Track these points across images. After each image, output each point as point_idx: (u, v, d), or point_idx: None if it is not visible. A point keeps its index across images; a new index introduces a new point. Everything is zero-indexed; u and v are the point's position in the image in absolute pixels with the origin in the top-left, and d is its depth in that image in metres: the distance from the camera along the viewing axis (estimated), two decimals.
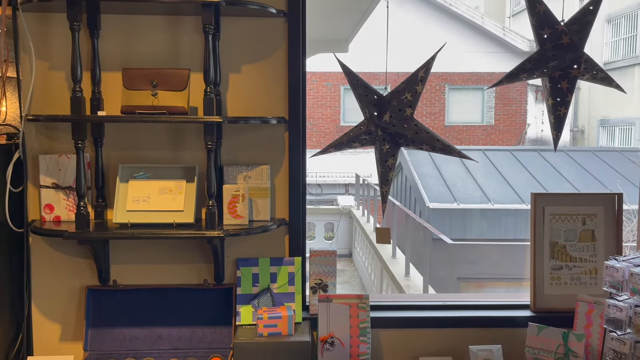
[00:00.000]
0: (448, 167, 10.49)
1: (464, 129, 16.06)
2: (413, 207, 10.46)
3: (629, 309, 1.87)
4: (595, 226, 2.36)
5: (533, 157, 10.94)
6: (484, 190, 9.72)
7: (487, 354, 2.19)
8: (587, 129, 15.43)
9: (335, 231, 11.92)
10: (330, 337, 2.18)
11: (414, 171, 10.42)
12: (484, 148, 12.26)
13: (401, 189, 11.87)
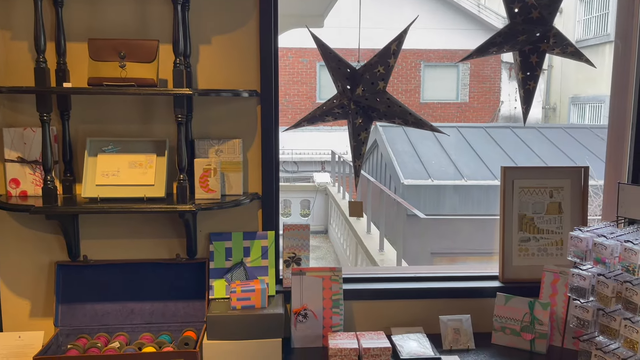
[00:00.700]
0: (423, 144, 10.57)
1: (439, 106, 16.16)
2: (388, 183, 10.55)
3: (592, 278, 1.93)
4: (562, 199, 2.42)
5: (506, 134, 11.09)
6: (457, 167, 9.84)
7: (456, 324, 2.25)
8: (558, 106, 15.68)
9: (311, 208, 11.96)
10: (303, 309, 2.21)
11: (389, 148, 10.48)
12: (458, 125, 12.37)
13: (377, 166, 11.94)
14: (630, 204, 2.06)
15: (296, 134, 14.81)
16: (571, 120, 14.81)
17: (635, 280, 1.82)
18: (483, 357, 2.13)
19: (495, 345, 2.23)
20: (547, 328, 2.16)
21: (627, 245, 1.80)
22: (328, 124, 15.99)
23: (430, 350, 2.11)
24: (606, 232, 1.92)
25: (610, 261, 1.85)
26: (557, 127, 12.23)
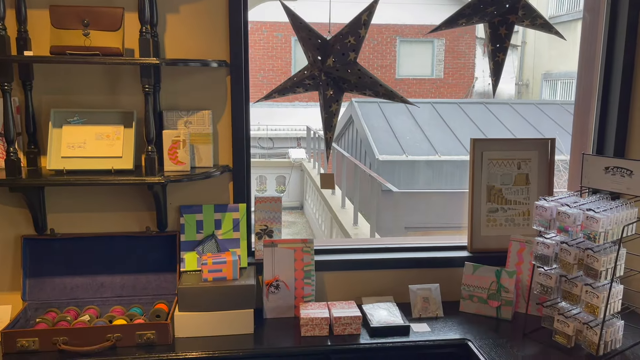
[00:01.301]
0: (398, 120, 10.61)
1: (414, 82, 16.19)
2: (363, 159, 10.58)
3: (555, 246, 1.99)
4: (529, 170, 2.47)
5: (479, 109, 11.20)
6: (431, 142, 9.92)
7: (425, 293, 2.30)
8: (531, 82, 15.85)
9: (286, 184, 11.96)
10: (275, 280, 2.22)
11: (365, 124, 10.49)
12: (433, 101, 12.42)
13: (352, 142, 11.95)
14: (593, 174, 2.11)
15: (272, 110, 14.70)
16: (543, 96, 15.00)
17: (596, 248, 1.88)
18: (451, 324, 2.19)
19: (463, 313, 2.29)
20: (513, 295, 2.22)
21: (589, 214, 1.85)
22: (304, 99, 15.91)
23: (400, 318, 2.15)
24: (570, 202, 1.97)
25: (573, 229, 1.90)
26: (529, 103, 12.39)
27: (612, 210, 1.88)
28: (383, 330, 2.08)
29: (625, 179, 2.01)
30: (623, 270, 1.96)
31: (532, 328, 2.10)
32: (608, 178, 2.07)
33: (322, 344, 2.02)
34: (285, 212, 11.86)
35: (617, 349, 1.95)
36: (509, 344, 2.01)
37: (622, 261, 1.95)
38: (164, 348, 1.94)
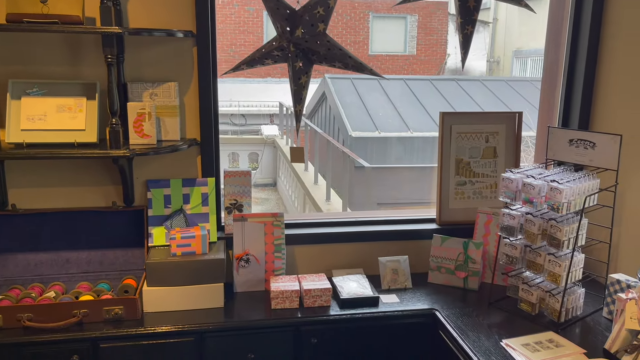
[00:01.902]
0: (370, 96, 10.59)
1: (387, 59, 16.15)
2: (336, 136, 10.56)
3: (520, 217, 2.03)
4: (497, 143, 2.50)
5: (451, 86, 11.26)
6: (403, 119, 9.96)
7: (394, 264, 2.33)
8: (502, 59, 15.97)
9: (259, 161, 11.88)
10: (245, 254, 2.22)
11: (338, 100, 10.45)
12: (405, 77, 12.43)
13: (325, 119, 11.90)
14: (558, 146, 2.15)
15: (244, 86, 14.49)
16: (514, 73, 15.16)
17: (560, 218, 1.93)
18: (419, 295, 2.23)
19: (431, 284, 2.33)
20: (480, 266, 2.27)
21: (553, 185, 1.89)
22: (276, 75, 15.66)
23: (370, 290, 2.18)
24: (535, 174, 2.01)
25: (537, 200, 1.93)
26: (500, 79, 12.50)
27: (575, 181, 1.92)
28: (353, 302, 2.10)
29: (588, 151, 2.06)
30: (585, 240, 2.02)
31: (498, 297, 2.15)
32: (572, 150, 2.11)
33: (292, 316, 2.03)
34: (258, 189, 11.84)
35: (578, 316, 2.01)
36: (475, 313, 2.05)
37: (584, 231, 2.00)
38: (132, 323, 1.93)
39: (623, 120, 2.16)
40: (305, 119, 10.48)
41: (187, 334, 1.94)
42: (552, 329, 1.90)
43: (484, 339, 1.85)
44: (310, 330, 2.03)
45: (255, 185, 11.60)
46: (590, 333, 1.90)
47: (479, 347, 1.80)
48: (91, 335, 1.86)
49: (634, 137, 2.08)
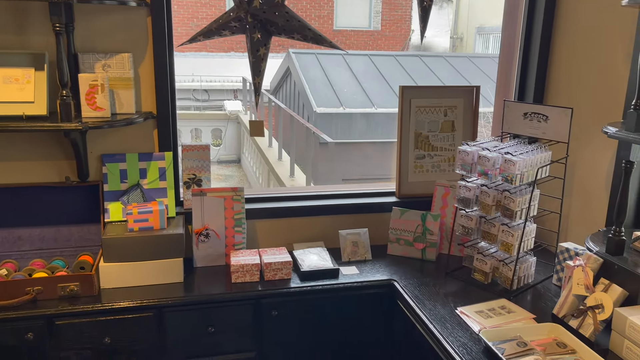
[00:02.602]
0: (335, 72, 10.55)
1: (352, 34, 16.05)
2: (301, 111, 10.50)
3: (476, 189, 2.08)
4: (455, 117, 2.54)
5: (415, 62, 11.31)
6: (368, 95, 9.97)
7: (354, 237, 2.35)
8: (465, 36, 16.11)
9: (223, 137, 11.74)
10: (204, 229, 2.20)
11: (302, 76, 10.36)
12: (370, 53, 12.41)
13: (290, 95, 11.80)
14: (513, 120, 2.20)
15: (207, 60, 14.18)
16: (476, 50, 15.33)
17: (513, 189, 1.98)
18: (379, 266, 2.26)
19: (390, 256, 2.37)
20: (437, 237, 2.32)
21: (507, 157, 1.93)
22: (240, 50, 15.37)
23: (330, 262, 2.20)
24: (490, 146, 2.05)
25: (492, 172, 1.98)
26: (463, 56, 12.63)
27: (528, 153, 1.97)
28: (313, 274, 2.12)
29: (541, 124, 2.11)
30: (536, 211, 2.08)
31: (454, 267, 2.21)
32: (526, 123, 2.16)
33: (253, 290, 2.04)
34: (222, 166, 11.71)
35: (529, 283, 2.09)
36: (432, 283, 2.11)
37: (536, 202, 2.06)
38: (89, 299, 1.90)
39: (575, 95, 2.22)
40: (270, 95, 10.38)
41: (145, 309, 1.92)
42: (504, 297, 1.97)
43: (440, 307, 1.91)
44: (270, 302, 2.04)
45: (218, 162, 11.48)
46: (541, 299, 1.98)
47: (435, 315, 1.85)
48: (46, 313, 1.83)
49: (584, 111, 2.14)
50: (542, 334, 1.69)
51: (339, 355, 2.17)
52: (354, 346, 2.17)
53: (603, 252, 1.76)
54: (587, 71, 2.16)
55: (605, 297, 1.65)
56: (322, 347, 2.14)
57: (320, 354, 2.15)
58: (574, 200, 2.23)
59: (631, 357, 1.55)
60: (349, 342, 2.16)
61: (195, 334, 1.99)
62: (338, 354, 2.16)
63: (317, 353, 2.14)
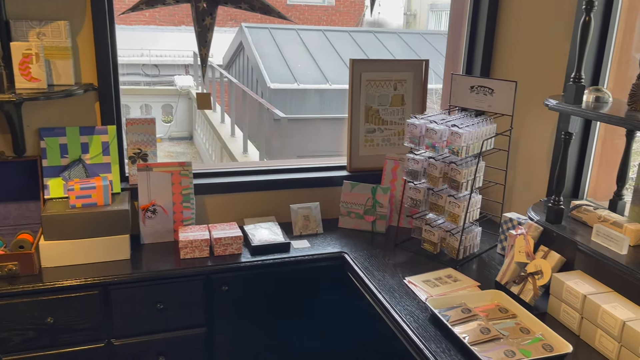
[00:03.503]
0: (289, 47, 10.42)
1: (306, 9, 15.87)
2: (255, 88, 10.35)
3: (424, 161, 2.11)
4: (405, 91, 2.55)
5: (369, 38, 11.31)
6: (322, 71, 9.92)
7: (306, 211, 2.35)
8: (418, 13, 16.20)
9: (174, 113, 11.45)
10: (151, 205, 2.15)
11: (256, 51, 10.18)
12: (324, 28, 12.32)
13: (243, 70, 11.60)
14: (460, 93, 2.23)
15: (156, 34, 13.70)
16: (429, 27, 15.45)
17: (459, 161, 2.02)
18: (330, 239, 2.28)
19: (342, 229, 2.39)
20: (387, 210, 2.35)
21: (453, 130, 1.96)
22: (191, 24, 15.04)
23: (281, 236, 2.19)
24: (438, 119, 2.07)
25: (439, 145, 2.01)
26: (416, 32, 12.73)
27: (474, 126, 2.01)
28: (264, 248, 2.11)
29: (487, 97, 2.15)
30: (482, 182, 2.14)
31: (403, 239, 2.25)
32: (473, 97, 2.20)
33: (202, 265, 2.01)
34: (173, 143, 11.45)
35: (475, 253, 2.15)
36: (382, 254, 2.14)
37: (481, 173, 2.11)
38: (29, 279, 1.83)
39: (519, 69, 2.27)
40: (222, 70, 10.17)
41: (90, 287, 1.87)
42: (451, 266, 2.03)
43: (389, 278, 1.94)
44: (221, 278, 2.03)
45: (170, 139, 11.22)
46: (485, 268, 2.04)
47: (383, 285, 1.88)
48: None
49: (528, 84, 2.19)
50: (486, 300, 1.75)
51: (291, 328, 2.18)
52: (306, 318, 2.19)
53: (543, 221, 1.83)
54: (531, 46, 2.20)
55: (544, 263, 1.72)
56: (275, 320, 2.15)
57: (272, 327, 2.15)
58: (518, 171, 2.30)
59: (567, 320, 1.63)
60: (301, 315, 2.18)
61: (144, 311, 1.96)
62: (290, 327, 2.18)
63: (269, 327, 2.15)
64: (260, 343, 2.15)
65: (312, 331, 2.21)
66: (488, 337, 1.53)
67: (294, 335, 2.19)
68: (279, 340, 2.18)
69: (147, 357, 2.00)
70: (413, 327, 1.62)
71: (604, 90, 1.72)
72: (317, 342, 2.23)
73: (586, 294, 1.56)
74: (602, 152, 2.03)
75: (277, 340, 2.18)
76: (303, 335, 2.20)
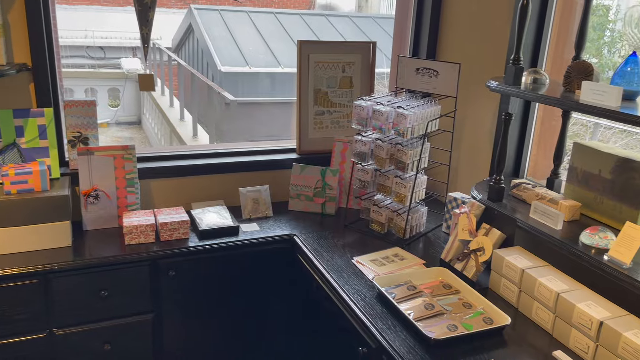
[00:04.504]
0: (240, 30, 10.25)
1: None
2: (205, 71, 10.14)
3: (371, 143, 2.12)
4: (353, 73, 2.56)
5: (321, 22, 11.27)
6: (274, 54, 9.82)
7: (255, 194, 2.34)
8: None
9: (121, 98, 11.08)
10: (93, 190, 2.08)
11: (205, 34, 9.96)
12: (276, 11, 12.17)
13: (193, 53, 11.33)
14: (407, 75, 2.26)
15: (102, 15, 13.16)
16: (381, 11, 15.52)
17: (405, 142, 2.05)
18: (279, 222, 2.27)
19: (292, 211, 2.39)
20: (336, 192, 2.37)
21: (399, 111, 1.99)
22: None
23: (230, 220, 2.17)
24: (384, 101, 2.09)
25: (386, 126, 2.03)
26: (368, 16, 12.77)
27: (419, 107, 2.04)
28: (212, 232, 2.09)
29: (432, 79, 2.18)
30: (427, 163, 2.18)
31: (352, 220, 2.27)
32: (419, 79, 2.23)
33: (148, 251, 1.97)
34: (121, 128, 11.11)
35: (421, 232, 2.20)
36: (331, 235, 2.15)
37: (427, 154, 2.15)
38: None
39: (463, 51, 2.31)
40: (171, 53, 9.90)
41: (29, 276, 1.80)
42: (398, 245, 2.06)
43: (337, 258, 1.96)
44: (168, 263, 1.99)
45: (117, 124, 10.87)
46: (431, 246, 2.09)
47: (332, 266, 1.90)
48: None
49: (472, 67, 2.24)
50: (430, 277, 1.80)
51: (242, 311, 2.17)
52: (257, 301, 2.19)
53: (485, 199, 1.89)
54: (475, 29, 2.25)
55: (485, 240, 1.78)
56: (225, 304, 2.14)
57: (223, 310, 2.14)
58: (462, 152, 2.36)
59: (507, 294, 1.70)
60: (251, 298, 2.17)
61: (88, 299, 1.90)
62: (241, 310, 2.17)
63: (219, 310, 2.14)
64: (210, 327, 2.14)
65: (261, 314, 2.21)
66: (432, 312, 1.57)
67: (244, 318, 2.19)
68: (229, 324, 2.17)
69: (92, 346, 1.95)
70: (360, 306, 1.65)
71: (542, 72, 1.78)
72: (267, 324, 2.23)
73: (524, 268, 1.63)
74: (541, 133, 2.10)
75: (227, 324, 2.17)
76: (253, 318, 2.20)
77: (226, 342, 2.19)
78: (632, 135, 4.64)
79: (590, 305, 1.44)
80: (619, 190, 1.62)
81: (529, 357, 1.44)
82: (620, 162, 1.62)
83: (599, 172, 1.68)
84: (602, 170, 1.67)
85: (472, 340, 1.48)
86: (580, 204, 1.71)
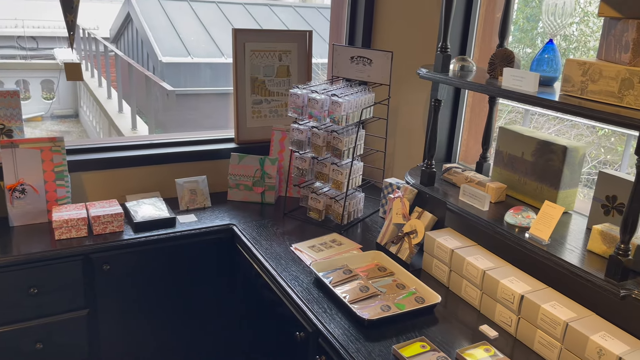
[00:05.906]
0: (181, 20, 10.03)
1: None
2: (146, 62, 9.87)
3: (308, 131, 2.14)
4: (290, 62, 2.56)
5: (264, 12, 11.18)
6: (217, 44, 9.68)
7: (192, 185, 2.31)
8: None
9: (55, 90, 10.61)
10: (19, 184, 1.99)
11: (145, 24, 9.68)
12: (218, 1, 11.98)
13: (133, 43, 11.00)
14: (342, 64, 2.28)
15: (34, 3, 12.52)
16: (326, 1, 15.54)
17: (340, 130, 2.07)
18: (218, 212, 2.26)
19: (231, 201, 2.37)
20: (275, 181, 2.37)
21: (333, 99, 2.01)
22: None
23: (166, 211, 2.14)
24: (319, 89, 2.11)
25: (321, 114, 2.05)
26: (311, 7, 12.77)
27: (353, 95, 2.07)
28: (147, 224, 2.05)
29: (366, 67, 2.22)
30: (363, 150, 2.22)
31: (292, 208, 2.29)
32: (353, 67, 2.26)
33: (80, 245, 1.91)
34: (57, 121, 10.64)
35: (359, 217, 2.24)
36: (271, 224, 2.16)
37: (362, 141, 2.19)
38: None
39: (397, 40, 2.36)
40: (108, 43, 9.55)
41: None
42: (336, 231, 2.10)
43: (276, 246, 1.97)
44: (101, 257, 1.94)
45: (52, 117, 10.41)
46: (368, 231, 2.14)
47: (270, 254, 1.91)
48: None
49: (404, 55, 2.29)
50: (366, 261, 1.84)
51: (181, 303, 2.15)
52: (196, 292, 2.17)
53: (418, 184, 1.94)
54: (408, 17, 2.30)
55: (418, 223, 1.83)
56: (163, 296, 2.10)
57: (161, 303, 2.11)
58: (397, 139, 2.41)
59: (439, 274, 1.76)
60: (191, 289, 2.15)
61: (15, 298, 1.83)
62: (180, 303, 2.15)
63: (158, 303, 2.10)
64: (148, 321, 2.10)
65: (200, 305, 2.19)
66: (367, 294, 1.61)
67: (183, 310, 2.16)
68: (167, 317, 2.14)
69: (22, 345, 1.88)
70: (297, 291, 1.67)
71: (469, 60, 1.84)
72: (205, 315, 2.22)
73: (453, 248, 1.69)
74: (471, 119, 2.18)
75: (165, 317, 2.14)
76: (191, 309, 2.18)
77: (166, 335, 2.16)
78: (563, 121, 4.89)
79: (513, 281, 1.52)
80: (540, 171, 1.71)
81: (459, 332, 1.50)
82: (540, 145, 1.71)
83: (522, 154, 1.77)
84: (524, 153, 1.76)
85: (405, 319, 1.53)
86: (505, 186, 1.80)
